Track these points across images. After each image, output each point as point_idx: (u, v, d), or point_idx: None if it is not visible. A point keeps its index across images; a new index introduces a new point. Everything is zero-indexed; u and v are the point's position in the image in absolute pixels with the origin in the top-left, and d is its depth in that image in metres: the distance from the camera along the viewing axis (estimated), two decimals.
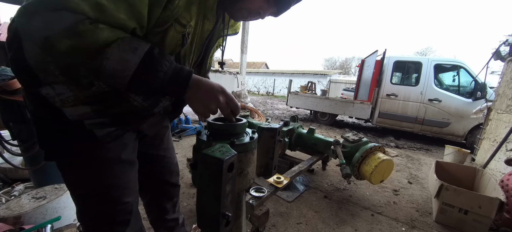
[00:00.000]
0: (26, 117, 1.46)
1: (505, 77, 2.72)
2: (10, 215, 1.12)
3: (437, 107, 4.49)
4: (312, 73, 18.14)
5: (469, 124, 4.22)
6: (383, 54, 5.01)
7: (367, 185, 2.26)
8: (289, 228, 1.55)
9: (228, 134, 0.62)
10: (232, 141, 0.59)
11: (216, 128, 0.62)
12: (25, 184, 1.67)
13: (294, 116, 2.38)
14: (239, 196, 0.68)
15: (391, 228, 1.64)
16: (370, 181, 1.68)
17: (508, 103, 2.53)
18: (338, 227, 1.60)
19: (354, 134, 1.90)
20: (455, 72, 4.60)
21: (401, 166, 3.03)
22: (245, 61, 6.32)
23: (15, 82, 1.35)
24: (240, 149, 0.61)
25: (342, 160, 1.75)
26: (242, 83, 6.18)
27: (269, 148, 0.77)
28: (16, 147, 1.56)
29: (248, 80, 20.50)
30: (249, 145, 0.62)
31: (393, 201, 2.02)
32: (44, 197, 1.28)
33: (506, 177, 1.78)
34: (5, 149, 1.54)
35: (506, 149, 2.30)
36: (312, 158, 2.02)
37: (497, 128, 2.64)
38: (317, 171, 2.53)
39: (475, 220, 1.58)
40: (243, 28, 6.09)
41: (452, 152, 2.99)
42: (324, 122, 6.14)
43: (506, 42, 2.74)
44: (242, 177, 0.60)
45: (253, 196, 1.24)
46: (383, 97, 4.97)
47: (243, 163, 0.60)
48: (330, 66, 39.99)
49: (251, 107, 5.64)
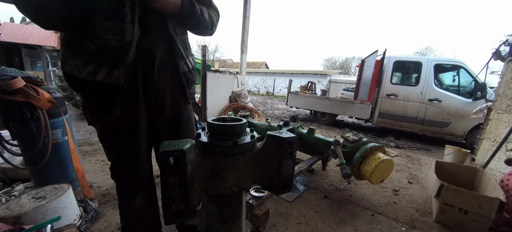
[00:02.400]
0: (26, 116, 1.46)
1: (505, 77, 2.72)
2: (10, 215, 1.12)
3: (437, 107, 4.49)
4: (312, 73, 18.13)
5: (469, 124, 4.22)
6: (383, 54, 5.01)
7: (367, 185, 2.26)
8: (289, 228, 1.55)
9: (228, 133, 0.62)
10: (235, 141, 0.59)
11: (216, 128, 0.62)
12: (25, 184, 1.67)
13: (294, 115, 2.38)
14: (239, 196, 0.68)
15: (391, 228, 1.64)
16: (370, 181, 1.68)
17: (508, 103, 2.53)
18: (338, 227, 1.60)
19: (354, 134, 1.90)
20: (455, 72, 4.60)
21: (401, 166, 3.03)
22: (245, 61, 6.31)
23: (15, 82, 1.35)
24: (240, 149, 0.61)
25: (342, 160, 1.75)
26: (242, 83, 6.17)
27: (273, 159, 0.63)
28: (16, 147, 1.56)
29: (248, 80, 20.50)
30: (247, 145, 0.62)
31: (393, 201, 2.02)
32: (44, 197, 1.28)
33: (506, 177, 1.78)
34: (5, 149, 1.54)
35: (506, 149, 2.30)
36: (312, 158, 2.02)
37: (497, 128, 2.64)
38: (317, 171, 2.53)
39: (475, 220, 1.58)
40: (243, 28, 6.09)
41: (452, 152, 2.99)
42: (324, 122, 6.14)
43: (506, 42, 2.74)
44: (220, 180, 0.61)
45: (253, 196, 1.24)
46: (383, 97, 4.97)
47: (221, 165, 0.60)
48: (330, 66, 40.00)
49: (251, 107, 5.64)
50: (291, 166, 0.64)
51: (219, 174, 0.59)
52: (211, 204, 0.66)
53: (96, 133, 1.03)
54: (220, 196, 0.65)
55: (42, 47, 11.15)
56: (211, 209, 0.67)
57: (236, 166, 0.60)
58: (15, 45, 11.04)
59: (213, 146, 0.59)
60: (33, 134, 1.48)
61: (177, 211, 0.52)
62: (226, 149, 0.59)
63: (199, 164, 0.57)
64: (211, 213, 0.67)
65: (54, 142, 1.62)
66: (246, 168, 0.62)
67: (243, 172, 0.62)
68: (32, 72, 4.60)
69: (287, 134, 0.64)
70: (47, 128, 1.53)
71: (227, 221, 0.67)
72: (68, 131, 1.71)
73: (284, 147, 0.61)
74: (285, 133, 0.64)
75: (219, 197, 0.65)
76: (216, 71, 5.54)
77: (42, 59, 11.08)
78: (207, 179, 0.60)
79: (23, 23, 15.78)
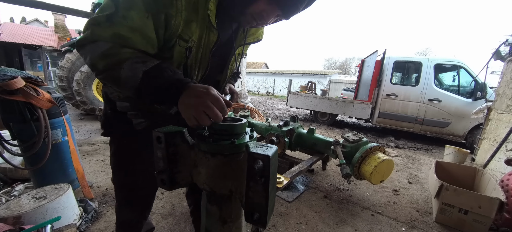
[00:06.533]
0: (26, 116, 1.46)
1: (505, 77, 2.72)
2: (10, 215, 1.12)
3: (437, 107, 4.49)
4: (312, 73, 18.13)
5: (469, 124, 4.22)
6: (383, 54, 5.01)
7: (367, 185, 2.26)
8: (289, 228, 1.55)
9: (228, 134, 0.62)
10: (232, 140, 0.59)
11: (216, 128, 0.62)
12: (25, 184, 1.67)
13: (294, 115, 2.38)
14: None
15: (391, 228, 1.64)
16: (370, 181, 1.68)
17: (508, 103, 2.53)
18: (338, 227, 1.60)
19: (354, 134, 1.90)
20: (455, 72, 4.60)
21: (401, 166, 3.03)
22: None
23: (15, 82, 1.35)
24: (240, 149, 0.61)
25: (342, 160, 1.75)
26: (242, 83, 6.18)
27: (243, 177, 0.51)
28: (16, 147, 1.56)
29: (248, 80, 20.50)
30: (213, 146, 0.61)
31: (393, 201, 2.02)
32: (44, 197, 1.28)
33: (506, 177, 1.78)
34: (5, 149, 1.54)
35: (506, 149, 2.30)
36: (312, 158, 2.02)
37: (497, 128, 2.64)
38: (317, 171, 2.53)
39: (475, 220, 1.58)
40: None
41: (452, 152, 2.99)
42: (324, 122, 6.14)
43: (506, 42, 2.74)
44: (197, 173, 0.66)
45: None
46: (383, 97, 4.97)
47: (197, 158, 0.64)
48: (330, 66, 40.01)
49: (251, 107, 5.64)
50: (262, 193, 0.49)
51: (196, 167, 0.63)
52: (211, 204, 0.66)
53: (96, 133, 1.03)
54: (219, 195, 0.65)
55: (42, 47, 11.15)
56: (210, 208, 0.67)
57: (207, 164, 0.60)
58: (15, 45, 11.04)
59: (197, 139, 0.63)
60: (33, 134, 1.48)
61: (161, 179, 0.62)
62: (201, 145, 0.60)
63: (185, 151, 0.63)
64: (211, 213, 0.67)
65: (54, 142, 1.62)
66: (218, 172, 0.60)
67: (213, 174, 0.61)
68: (32, 72, 4.61)
69: (266, 150, 0.49)
70: (47, 128, 1.53)
71: (227, 221, 0.67)
72: (68, 131, 1.71)
73: (251, 164, 0.48)
74: (265, 149, 0.50)
75: (219, 196, 0.65)
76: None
77: (42, 59, 11.08)
78: (192, 167, 0.64)
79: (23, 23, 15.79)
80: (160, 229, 1.46)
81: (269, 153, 0.47)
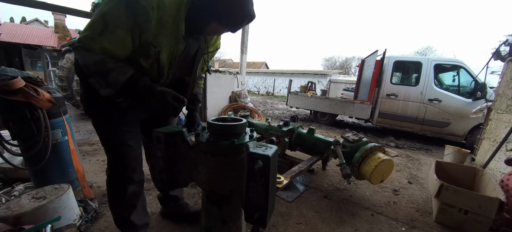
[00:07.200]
0: (26, 116, 1.46)
1: (505, 77, 2.71)
2: (10, 215, 1.12)
3: (437, 107, 4.49)
4: (312, 73, 18.12)
5: (469, 124, 4.22)
6: (383, 54, 5.00)
7: (367, 185, 2.26)
8: (289, 228, 1.55)
9: (228, 133, 0.62)
10: (232, 141, 0.59)
11: (216, 128, 0.62)
12: (25, 184, 1.67)
13: (294, 115, 2.38)
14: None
15: (391, 228, 1.64)
16: (370, 181, 1.68)
17: (508, 103, 2.53)
18: (338, 227, 1.60)
19: (354, 134, 1.90)
20: (455, 72, 4.60)
21: (401, 166, 3.03)
22: (245, 61, 6.31)
23: (15, 82, 1.35)
24: (239, 149, 0.61)
25: (342, 160, 1.75)
26: (242, 83, 6.17)
27: (243, 177, 0.51)
28: (16, 147, 1.56)
29: (248, 80, 20.49)
30: (212, 146, 0.61)
31: (393, 201, 2.02)
32: (44, 197, 1.28)
33: (506, 177, 1.78)
34: (5, 149, 1.54)
35: (506, 149, 2.30)
36: (312, 158, 2.02)
37: (497, 128, 2.64)
38: (317, 171, 2.53)
39: (475, 220, 1.58)
40: (243, 29, 6.09)
41: (452, 152, 2.99)
42: (324, 122, 6.14)
43: (506, 42, 2.74)
44: (197, 173, 0.68)
45: None
46: (383, 97, 4.96)
47: (197, 158, 0.64)
48: (330, 66, 39.96)
49: (251, 107, 5.64)
50: (262, 193, 0.49)
51: (196, 167, 0.64)
52: (211, 204, 0.66)
53: (96, 133, 1.05)
54: (219, 195, 0.65)
55: (42, 47, 11.15)
56: (211, 208, 0.67)
57: (207, 165, 0.60)
58: (15, 45, 11.04)
59: (197, 141, 0.64)
60: (33, 134, 1.48)
61: (160, 179, 0.65)
62: (201, 145, 0.62)
63: (185, 151, 0.65)
64: (211, 213, 0.67)
65: (54, 142, 1.62)
66: (218, 172, 0.60)
67: (213, 174, 0.61)
68: (32, 72, 4.60)
69: (266, 150, 0.49)
70: (47, 128, 1.53)
71: (227, 221, 0.67)
72: (68, 131, 1.71)
73: (251, 164, 0.48)
74: (265, 149, 0.50)
75: (219, 196, 0.65)
76: (216, 71, 5.54)
77: (42, 59, 11.06)
78: (192, 167, 0.66)
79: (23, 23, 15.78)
80: (160, 229, 1.46)
81: (269, 153, 0.48)
